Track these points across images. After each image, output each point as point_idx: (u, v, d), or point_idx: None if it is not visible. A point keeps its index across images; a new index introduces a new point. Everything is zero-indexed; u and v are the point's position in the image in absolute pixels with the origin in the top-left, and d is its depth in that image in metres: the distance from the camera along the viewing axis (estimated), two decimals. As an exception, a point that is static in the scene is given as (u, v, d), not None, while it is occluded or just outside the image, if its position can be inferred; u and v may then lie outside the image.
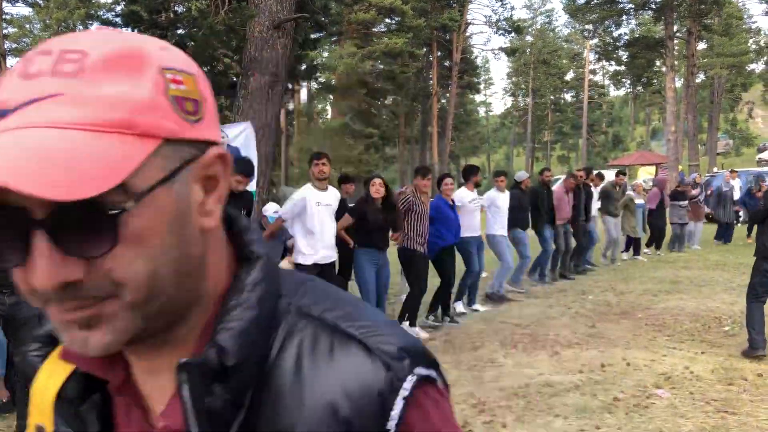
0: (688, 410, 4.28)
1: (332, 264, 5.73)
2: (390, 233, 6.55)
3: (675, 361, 5.47)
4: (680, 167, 29.49)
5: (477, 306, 8.17)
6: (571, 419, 4.16)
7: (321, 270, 5.52)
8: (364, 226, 6.07)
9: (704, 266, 11.32)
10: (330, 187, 5.73)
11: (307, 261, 5.47)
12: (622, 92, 78.46)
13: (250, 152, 7.24)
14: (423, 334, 6.84)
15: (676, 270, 10.99)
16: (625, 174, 12.53)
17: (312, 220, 5.46)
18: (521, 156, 77.38)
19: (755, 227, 14.22)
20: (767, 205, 5.73)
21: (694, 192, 13.75)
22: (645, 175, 34.86)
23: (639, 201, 12.85)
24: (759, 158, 35.40)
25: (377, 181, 6.11)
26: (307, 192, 5.57)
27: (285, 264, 6.65)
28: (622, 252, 12.80)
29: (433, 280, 7.40)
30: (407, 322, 6.82)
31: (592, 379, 5.02)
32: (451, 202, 7.35)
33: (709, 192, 15.11)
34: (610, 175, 13.59)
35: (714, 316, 7.34)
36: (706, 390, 4.71)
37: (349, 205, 7.88)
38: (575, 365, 5.46)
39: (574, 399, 4.54)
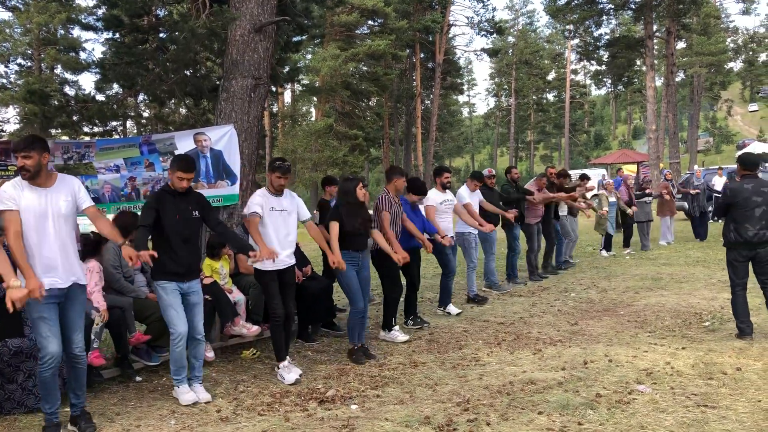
0: (669, 405, 4.34)
1: (291, 268, 5.60)
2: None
3: (656, 357, 5.54)
4: (662, 165, 29.75)
5: (451, 307, 8.04)
6: (554, 416, 4.21)
7: (280, 275, 5.45)
8: (341, 229, 5.91)
9: (685, 263, 11.45)
10: (287, 192, 5.60)
11: (266, 267, 5.35)
12: (603, 92, 79.23)
13: (233, 155, 7.24)
14: (402, 338, 6.69)
15: (657, 267, 11.12)
16: (589, 179, 12.58)
17: (264, 225, 5.36)
18: (505, 156, 77.81)
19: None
20: (725, 200, 6.10)
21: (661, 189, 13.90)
22: (627, 173, 35.11)
23: (612, 199, 12.96)
24: (738, 155, 35.83)
25: (361, 184, 6.03)
26: (262, 194, 5.46)
27: None
28: (601, 250, 12.96)
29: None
30: (396, 327, 6.73)
31: (575, 376, 5.07)
32: (411, 206, 7.15)
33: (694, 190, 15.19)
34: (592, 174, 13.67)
35: (694, 312, 7.44)
36: (687, 385, 4.77)
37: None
38: (558, 362, 5.51)
39: (557, 396, 4.59)
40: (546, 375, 5.15)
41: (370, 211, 6.60)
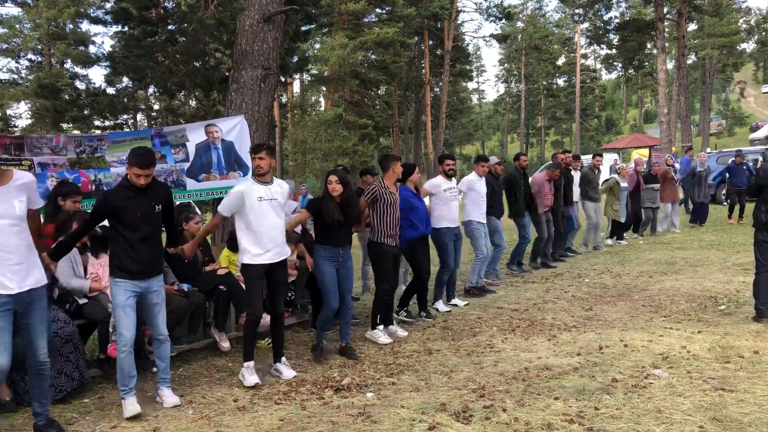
0: (685, 389, 4.32)
1: (283, 262, 5.22)
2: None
3: (672, 341, 5.52)
4: (674, 149, 29.49)
5: (456, 301, 7.80)
6: (571, 401, 4.20)
7: (270, 269, 5.12)
8: (320, 222, 5.70)
9: (699, 246, 11.38)
10: (277, 181, 5.25)
11: (254, 261, 5.02)
12: (614, 76, 78.67)
13: (245, 146, 7.26)
14: (401, 333, 6.48)
15: (671, 251, 11.05)
16: (602, 155, 12.34)
17: (253, 217, 4.99)
18: (515, 142, 77.47)
19: (736, 207, 14.37)
20: (758, 180, 6.06)
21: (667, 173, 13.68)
22: (638, 157, 34.85)
23: (624, 184, 12.64)
24: (752, 137, 35.47)
25: (333, 178, 5.66)
26: (246, 186, 5.07)
27: None
28: (607, 238, 12.66)
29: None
30: (381, 326, 6.39)
31: (591, 361, 5.06)
32: (414, 191, 6.94)
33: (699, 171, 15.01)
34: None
35: (710, 295, 7.39)
36: (704, 368, 4.75)
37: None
38: (573, 348, 5.50)
39: (573, 381, 4.58)
40: (561, 361, 5.14)
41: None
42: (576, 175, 11.25)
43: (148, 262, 4.52)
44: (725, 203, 16.93)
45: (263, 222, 5.03)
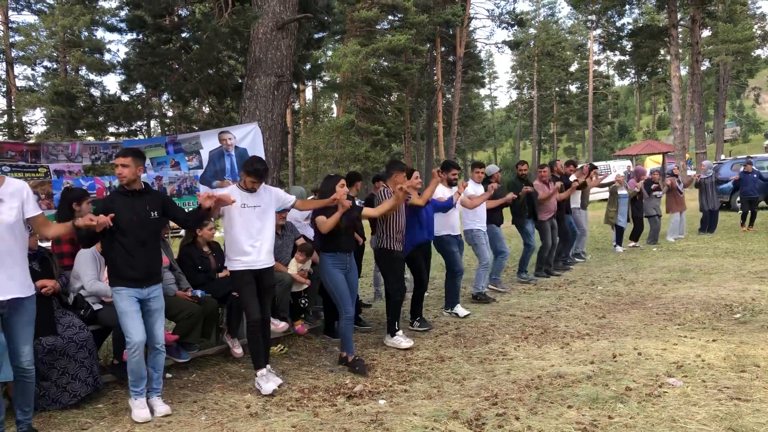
0: (700, 398, 4.29)
1: (268, 270, 5.17)
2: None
3: (686, 350, 5.48)
4: (687, 155, 29.30)
5: (458, 309, 7.66)
6: (584, 410, 4.18)
7: (257, 278, 5.08)
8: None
9: (714, 254, 11.29)
10: (266, 188, 5.20)
11: (235, 267, 5.02)
12: (627, 82, 78.30)
13: (258, 153, 7.29)
14: (405, 344, 6.29)
15: (685, 258, 10.97)
16: (596, 167, 12.32)
17: (237, 223, 4.99)
18: (528, 149, 77.30)
19: (748, 215, 14.22)
20: None
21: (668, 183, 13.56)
22: (652, 164, 34.74)
23: (623, 192, 12.51)
24: (767, 144, 35.17)
25: (344, 182, 5.58)
26: (229, 189, 5.06)
27: (293, 264, 6.67)
28: (614, 246, 12.61)
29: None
30: (400, 332, 6.34)
31: (604, 370, 5.03)
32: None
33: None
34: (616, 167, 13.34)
35: (725, 303, 7.33)
36: (719, 378, 4.71)
37: (358, 202, 7.85)
38: (586, 356, 5.48)
39: (587, 389, 4.56)
40: (575, 369, 5.11)
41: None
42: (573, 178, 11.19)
43: (146, 268, 4.50)
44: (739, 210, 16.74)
45: (246, 228, 5.02)
